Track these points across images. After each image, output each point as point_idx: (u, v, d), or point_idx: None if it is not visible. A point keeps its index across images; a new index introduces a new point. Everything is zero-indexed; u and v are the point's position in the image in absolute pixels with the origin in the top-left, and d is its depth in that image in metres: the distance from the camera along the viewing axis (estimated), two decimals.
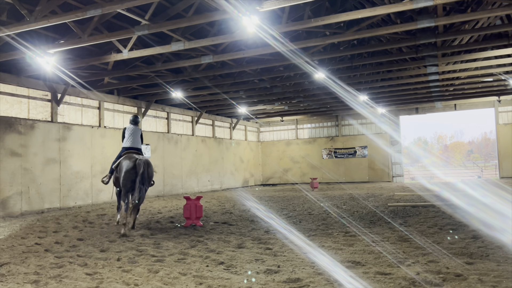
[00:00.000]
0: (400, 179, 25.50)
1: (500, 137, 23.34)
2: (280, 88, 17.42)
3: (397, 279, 4.05)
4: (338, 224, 8.09)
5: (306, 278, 4.32)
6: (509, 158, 22.87)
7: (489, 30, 11.74)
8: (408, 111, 25.40)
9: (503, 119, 23.42)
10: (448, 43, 13.42)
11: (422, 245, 5.65)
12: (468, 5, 11.09)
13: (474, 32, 11.81)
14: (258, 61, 13.84)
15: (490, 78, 17.55)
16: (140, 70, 13.49)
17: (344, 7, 11.76)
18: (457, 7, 10.87)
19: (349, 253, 5.45)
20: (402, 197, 13.43)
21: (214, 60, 12.15)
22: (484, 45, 12.91)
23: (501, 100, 22.82)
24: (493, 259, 4.67)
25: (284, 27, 9.84)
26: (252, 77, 15.39)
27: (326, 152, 26.91)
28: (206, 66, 14.20)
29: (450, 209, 9.47)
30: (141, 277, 4.65)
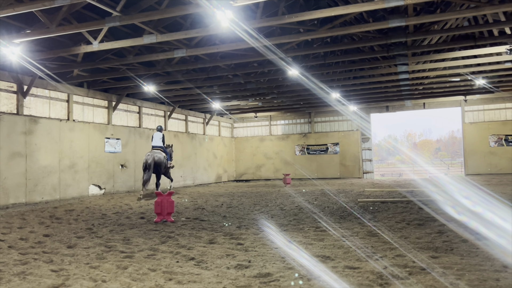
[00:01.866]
0: (370, 175, 26.01)
1: (466, 135, 24.14)
2: (254, 84, 17.42)
3: (365, 273, 4.12)
4: (309, 220, 8.17)
5: (276, 273, 4.35)
6: (474, 156, 23.69)
7: (457, 31, 12.08)
8: (379, 109, 25.89)
9: (469, 118, 24.21)
10: (418, 43, 13.74)
11: (390, 240, 5.78)
12: (438, 6, 11.38)
13: (442, 33, 12.13)
14: (232, 56, 13.78)
15: (457, 78, 18.10)
16: (111, 62, 13.19)
17: (318, 5, 11.84)
18: (426, 8, 11.14)
19: (319, 248, 5.51)
20: (372, 193, 13.70)
21: (188, 54, 12.02)
22: (452, 45, 13.28)
23: (467, 100, 23.58)
24: (457, 253, 4.83)
25: (258, 23, 9.83)
26: (226, 72, 15.32)
27: (299, 148, 27.13)
28: (179, 60, 14.04)
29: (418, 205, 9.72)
30: (109, 273, 4.56)
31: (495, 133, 23.41)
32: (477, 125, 23.83)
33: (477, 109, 24.08)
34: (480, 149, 23.55)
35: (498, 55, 14.27)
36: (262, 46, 11.65)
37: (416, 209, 9.08)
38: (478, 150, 23.58)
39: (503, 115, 23.61)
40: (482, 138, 23.53)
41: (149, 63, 14.54)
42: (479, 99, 23.58)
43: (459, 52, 14.07)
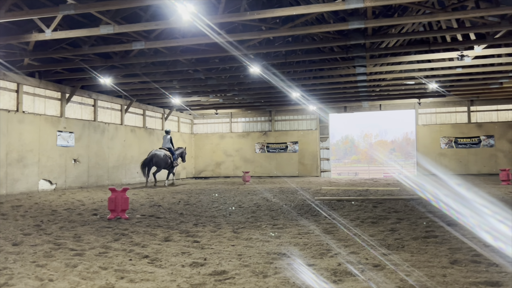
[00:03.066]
0: (327, 174, 26.53)
1: (419, 137, 25.12)
2: (215, 80, 17.28)
3: (320, 270, 4.16)
4: (267, 217, 8.19)
5: (232, 270, 4.30)
6: (426, 157, 24.69)
7: (412, 35, 12.51)
8: (337, 109, 26.42)
9: (422, 120, 25.20)
10: (376, 46, 14.12)
11: (344, 237, 5.88)
12: (395, 10, 11.72)
13: (399, 37, 12.52)
14: (193, 51, 13.59)
15: (412, 81, 18.78)
16: (65, 52, 12.66)
17: (281, 3, 11.91)
18: (385, 12, 11.45)
19: (276, 245, 5.52)
20: (329, 191, 13.95)
21: (147, 47, 11.73)
22: (408, 49, 13.75)
23: (421, 103, 24.53)
24: (407, 250, 4.97)
25: (220, 18, 9.74)
26: (186, 67, 15.10)
27: (259, 146, 27.24)
28: (138, 52, 13.68)
29: (372, 203, 9.99)
30: (57, 272, 4.35)
31: (446, 135, 24.52)
32: (430, 127, 24.86)
33: (429, 112, 25.10)
34: (432, 151, 24.59)
35: (450, 60, 14.91)
36: (223, 42, 11.56)
37: (370, 207, 9.31)
38: (429, 152, 24.61)
39: (454, 118, 24.76)
40: (434, 140, 24.58)
41: (106, 55, 14.07)
42: (432, 102, 24.59)
43: (414, 56, 14.59)
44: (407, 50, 14.10)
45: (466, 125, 24.34)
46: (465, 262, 4.33)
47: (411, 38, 13.53)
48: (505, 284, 3.55)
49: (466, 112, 24.49)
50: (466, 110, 24.48)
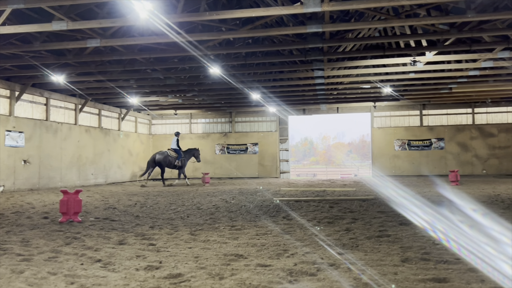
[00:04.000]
0: (287, 175, 26.81)
1: (374, 139, 25.90)
2: (174, 80, 17.04)
3: (276, 270, 4.18)
4: (226, 218, 8.16)
5: (188, 273, 4.24)
6: (381, 158, 25.49)
7: (368, 40, 12.88)
8: (296, 111, 26.77)
9: (377, 123, 26.01)
10: (334, 50, 14.42)
11: (301, 238, 5.95)
12: (352, 15, 12.03)
13: (356, 41, 12.86)
14: (151, 50, 13.33)
15: (368, 85, 19.33)
16: (14, 48, 12.06)
17: (241, 5, 11.91)
18: (342, 17, 11.72)
19: (233, 247, 5.50)
20: (287, 192, 14.10)
21: (102, 45, 11.38)
22: (364, 54, 14.13)
23: (376, 106, 25.31)
24: (361, 249, 5.10)
25: (179, 17, 9.61)
26: (144, 66, 14.79)
27: (219, 147, 27.12)
28: (93, 50, 13.26)
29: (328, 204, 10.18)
30: (1, 278, 4.12)
31: (400, 138, 25.43)
32: (384, 130, 25.70)
33: (384, 115, 25.96)
34: (386, 152, 25.43)
35: (404, 65, 15.48)
36: (183, 42, 11.42)
37: (327, 208, 9.49)
38: (384, 153, 25.43)
39: (407, 122, 25.73)
40: (388, 142, 25.43)
41: (59, 52, 13.53)
42: (386, 106, 25.44)
43: (370, 60, 15.03)
44: (364, 55, 14.49)
45: (418, 128, 25.36)
46: (415, 260, 4.49)
47: (367, 43, 13.93)
48: (451, 280, 3.71)
49: (418, 115, 25.52)
50: (418, 114, 25.50)
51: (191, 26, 12.24)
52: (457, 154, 24.68)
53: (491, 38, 13.17)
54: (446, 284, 3.61)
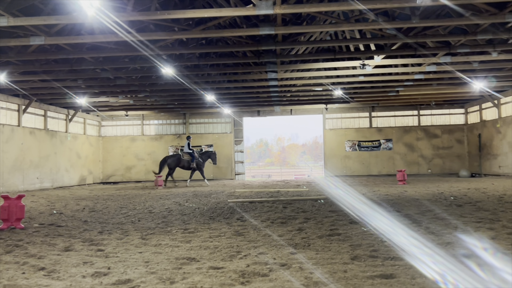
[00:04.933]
0: (242, 176, 26.83)
1: (326, 141, 26.50)
2: (124, 80, 16.57)
3: (228, 272, 4.15)
4: (178, 222, 8.02)
5: (137, 278, 4.12)
6: (332, 159, 26.12)
7: (320, 44, 13.16)
8: (251, 113, 26.88)
9: (329, 125, 26.64)
10: (287, 52, 14.62)
11: (254, 239, 5.96)
12: (304, 19, 12.24)
13: (308, 44, 13.10)
14: (100, 49, 12.90)
15: (320, 88, 19.75)
16: None
17: (193, 5, 11.79)
18: (294, 20, 11.88)
19: (186, 250, 5.41)
20: (242, 194, 14.10)
21: (47, 43, 10.86)
22: (317, 57, 14.43)
23: (328, 108, 25.92)
24: (313, 249, 5.18)
25: (130, 16, 9.36)
26: (93, 66, 14.27)
27: (173, 149, 26.69)
28: (37, 48, 12.63)
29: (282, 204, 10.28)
30: None
31: (350, 139, 26.19)
32: (336, 132, 26.36)
33: (336, 117, 26.64)
34: (338, 153, 26.09)
35: (354, 69, 15.95)
36: (133, 41, 11.14)
37: (280, 208, 9.57)
38: (336, 154, 26.09)
39: (357, 123, 26.54)
40: (339, 143, 26.11)
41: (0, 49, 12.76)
42: (338, 108, 26.12)
43: (322, 63, 15.35)
44: (316, 58, 14.80)
45: (368, 129, 26.24)
46: (364, 258, 4.61)
47: (319, 46, 14.25)
48: (398, 276, 3.84)
49: (368, 117, 26.41)
50: (368, 116, 26.40)
51: (142, 25, 11.96)
52: (404, 154, 25.77)
53: (434, 43, 13.87)
54: (393, 280, 3.73)
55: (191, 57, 14.95)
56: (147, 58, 13.32)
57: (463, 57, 14.38)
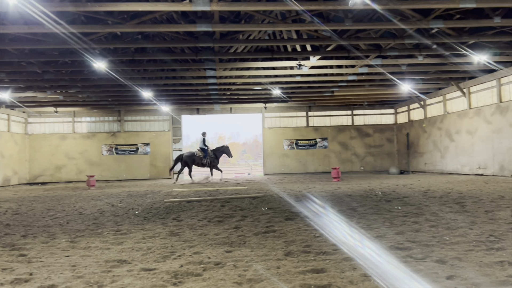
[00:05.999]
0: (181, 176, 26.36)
1: (265, 139, 26.83)
2: (53, 74, 15.62)
3: (161, 274, 4.04)
4: (111, 223, 7.70)
5: (62, 284, 3.88)
6: (271, 157, 26.49)
7: (259, 43, 13.25)
8: (190, 111, 26.54)
9: (268, 123, 26.99)
10: (225, 50, 14.56)
11: (190, 238, 5.86)
12: (242, 17, 12.25)
13: (247, 43, 13.13)
14: (26, 40, 12.05)
15: (259, 87, 19.92)
16: None
17: None
18: (233, 18, 11.86)
19: (117, 252, 5.19)
20: (180, 193, 13.85)
21: None
22: (255, 56, 14.51)
23: (267, 107, 26.25)
24: (248, 246, 5.19)
25: (58, 6, 8.84)
26: (17, 58, 13.29)
27: (107, 148, 25.66)
28: None
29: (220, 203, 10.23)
30: None
31: (288, 137, 26.71)
32: (274, 130, 26.77)
33: (274, 116, 27.06)
34: (276, 152, 26.52)
35: (291, 69, 16.26)
36: (63, 33, 10.52)
37: (218, 207, 9.52)
38: (274, 153, 26.50)
39: (294, 122, 27.14)
40: (278, 142, 26.55)
41: None
42: (276, 107, 26.53)
43: (260, 63, 15.49)
44: (254, 57, 14.89)
45: (305, 128, 26.93)
46: (297, 253, 4.69)
47: (257, 45, 14.33)
48: (328, 270, 3.95)
49: (305, 117, 27.10)
50: (305, 115, 27.09)
51: (73, 16, 11.31)
52: (339, 153, 26.76)
53: (366, 46, 14.50)
54: (323, 274, 3.83)
55: (126, 52, 14.40)
56: (78, 52, 12.65)
57: (392, 60, 15.18)
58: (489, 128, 17.74)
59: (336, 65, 16.33)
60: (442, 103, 21.73)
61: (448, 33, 12.48)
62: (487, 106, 17.96)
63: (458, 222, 6.42)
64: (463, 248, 4.68)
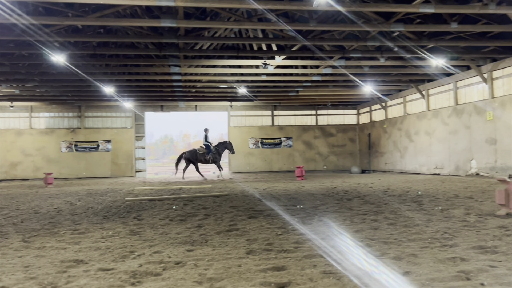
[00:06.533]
0: (143, 174, 25.92)
1: (231, 138, 26.75)
2: (8, 67, 14.94)
3: (119, 274, 3.93)
4: (68, 222, 7.44)
5: (14, 285, 3.71)
6: (237, 156, 26.43)
7: (224, 40, 13.19)
8: (154, 107, 26.10)
9: (234, 122, 26.96)
10: (190, 47, 14.40)
11: (151, 237, 5.75)
12: (208, 14, 12.15)
13: (212, 40, 13.04)
14: None
15: (225, 85, 19.85)
16: None
17: None
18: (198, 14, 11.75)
19: (73, 252, 5.02)
20: (142, 192, 13.60)
21: None
22: (221, 53, 14.44)
23: (232, 106, 26.20)
24: (210, 245, 5.15)
25: None
26: None
27: (66, 144, 24.83)
28: None
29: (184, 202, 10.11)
30: None
31: (254, 136, 26.78)
32: (240, 129, 26.77)
33: (240, 114, 27.05)
34: (242, 150, 26.51)
35: (257, 67, 16.29)
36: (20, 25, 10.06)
37: (181, 205, 9.40)
38: (240, 151, 26.47)
39: (260, 121, 27.25)
40: (243, 140, 26.57)
41: None
42: (242, 106, 26.53)
43: (226, 61, 15.42)
44: (220, 54, 14.80)
45: (270, 127, 27.08)
46: (259, 251, 4.70)
47: (223, 43, 14.25)
48: (289, 268, 3.97)
49: (270, 116, 27.25)
50: (270, 114, 27.24)
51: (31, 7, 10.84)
52: (303, 152, 27.09)
53: (330, 47, 14.74)
54: (284, 272, 3.85)
55: (88, 46, 13.97)
56: (35, 44, 12.14)
57: (355, 61, 15.50)
58: (446, 130, 18.46)
59: (301, 65, 16.50)
60: (402, 105, 22.42)
61: (409, 37, 12.88)
62: (444, 108, 18.68)
63: (415, 220, 6.63)
64: (419, 245, 4.83)
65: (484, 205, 8.15)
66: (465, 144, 17.13)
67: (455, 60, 15.43)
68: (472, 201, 8.86)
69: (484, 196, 9.61)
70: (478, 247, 4.67)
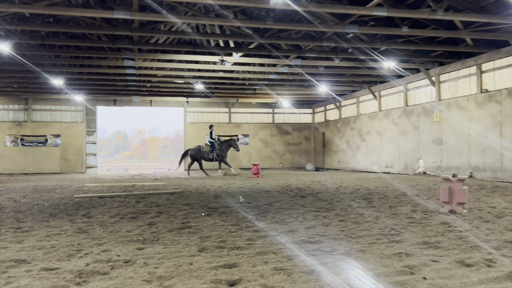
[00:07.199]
0: (94, 170, 25.09)
1: (187, 134, 26.46)
2: None
3: (63, 273, 3.77)
4: (11, 220, 7.06)
5: None
6: None
7: (181, 35, 12.98)
8: (106, 102, 25.30)
9: (190, 118, 26.64)
10: (145, 40, 14.06)
11: (99, 235, 5.56)
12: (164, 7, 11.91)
13: (169, 34, 12.80)
14: None
15: (182, 80, 19.57)
16: None
17: None
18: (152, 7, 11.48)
19: (15, 251, 4.76)
20: (92, 188, 13.14)
21: None
22: (178, 48, 14.20)
23: (189, 101, 25.88)
24: (161, 243, 5.05)
25: None
26: None
27: (11, 138, 23.56)
28: None
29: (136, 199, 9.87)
30: None
31: None
32: (197, 126, 26.49)
33: (197, 110, 26.77)
34: None
35: (214, 64, 16.17)
36: None
37: (132, 203, 9.17)
38: None
39: (217, 118, 27.10)
40: (200, 137, 26.29)
41: None
42: (199, 102, 26.26)
43: (183, 56, 15.18)
44: (177, 49, 14.55)
45: (227, 124, 27.00)
46: (212, 249, 4.67)
47: (180, 37, 14.03)
48: (240, 265, 3.97)
49: (227, 113, 27.17)
50: (227, 111, 27.16)
51: None
52: (259, 149, 27.25)
53: (287, 46, 14.89)
54: (235, 269, 3.84)
55: (36, 36, 13.30)
56: None
57: (311, 61, 15.76)
58: (396, 130, 19.19)
59: (258, 63, 16.55)
60: (355, 105, 23.07)
61: (362, 39, 13.25)
62: (395, 109, 19.41)
63: (365, 217, 6.84)
64: (367, 241, 4.98)
65: (430, 202, 8.55)
66: (413, 144, 17.89)
67: (406, 63, 16.06)
68: (418, 198, 9.27)
69: (430, 194, 10.08)
70: (423, 242, 4.88)
